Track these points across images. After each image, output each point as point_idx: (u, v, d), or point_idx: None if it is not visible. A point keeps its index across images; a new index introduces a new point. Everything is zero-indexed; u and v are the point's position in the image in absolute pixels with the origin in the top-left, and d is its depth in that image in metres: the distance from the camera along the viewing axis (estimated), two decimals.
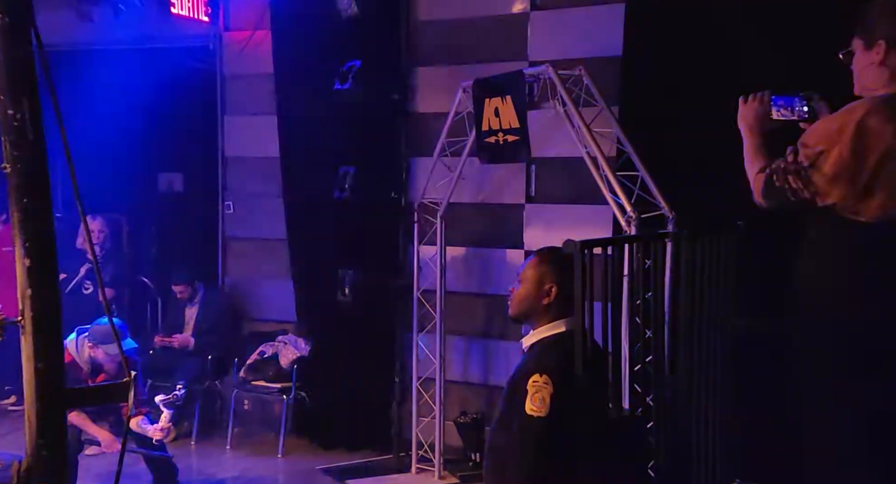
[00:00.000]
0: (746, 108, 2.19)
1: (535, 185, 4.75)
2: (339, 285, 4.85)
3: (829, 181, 1.89)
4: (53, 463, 1.65)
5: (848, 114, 1.91)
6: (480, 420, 4.73)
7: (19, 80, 1.64)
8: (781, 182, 1.98)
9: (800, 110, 2.15)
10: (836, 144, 1.88)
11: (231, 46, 5.68)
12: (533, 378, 1.93)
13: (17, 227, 1.65)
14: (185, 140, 6.66)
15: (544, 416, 1.90)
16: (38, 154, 1.67)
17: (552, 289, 2.05)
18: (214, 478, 4.63)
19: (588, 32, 4.47)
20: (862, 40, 1.99)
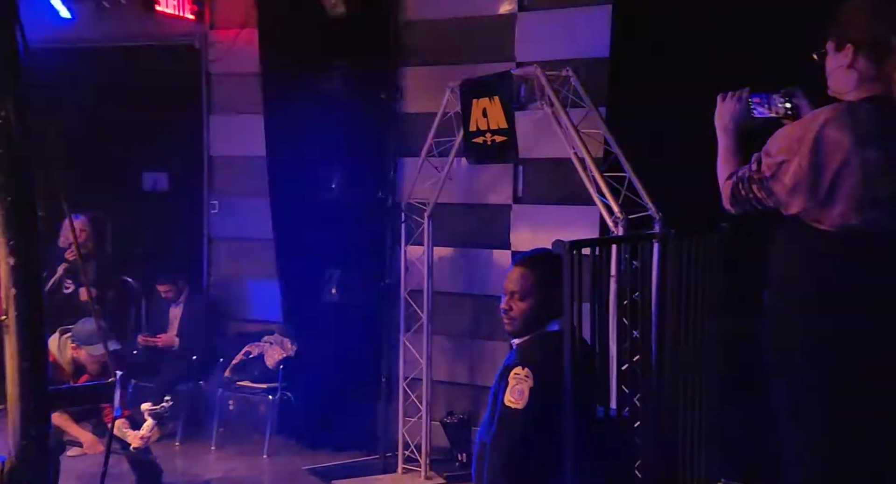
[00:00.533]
0: (724, 107, 2.17)
1: (523, 185, 4.77)
2: (325, 285, 4.84)
3: (790, 192, 1.89)
4: (37, 464, 1.64)
5: (809, 123, 1.90)
6: (467, 420, 4.73)
7: (3, 77, 1.62)
8: (746, 191, 1.98)
9: (781, 107, 2.11)
10: (796, 155, 1.87)
11: (217, 45, 5.65)
12: (515, 370, 1.94)
13: (1, 225, 1.63)
14: (170, 139, 6.61)
15: (521, 408, 1.90)
16: (23, 153, 1.65)
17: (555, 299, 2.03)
18: (199, 479, 4.60)
19: (575, 33, 4.49)
20: (833, 42, 1.99)
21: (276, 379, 5.08)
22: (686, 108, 3.83)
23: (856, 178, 1.83)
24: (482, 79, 3.81)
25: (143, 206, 6.91)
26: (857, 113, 1.88)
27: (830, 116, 1.88)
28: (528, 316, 2.09)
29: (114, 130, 6.09)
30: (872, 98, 1.91)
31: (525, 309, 2.09)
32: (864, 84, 1.92)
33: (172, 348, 5.40)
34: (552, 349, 2.02)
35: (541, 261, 2.17)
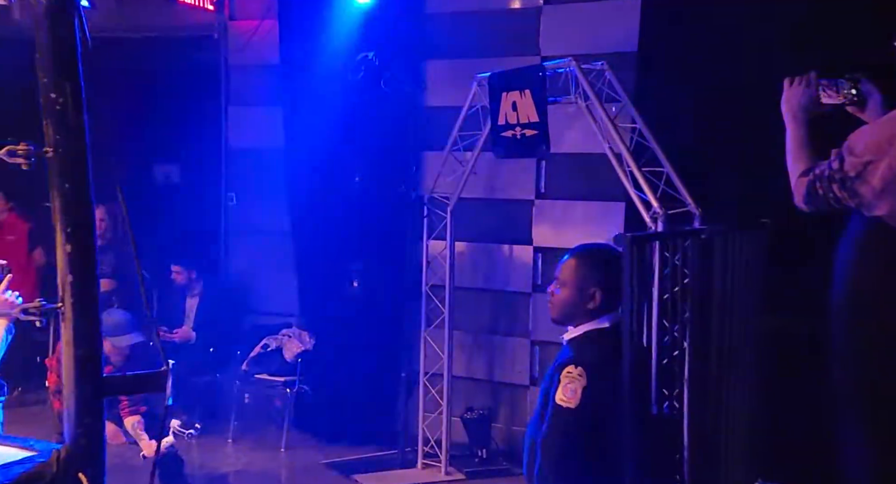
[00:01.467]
0: (791, 92, 2.05)
1: (545, 180, 4.74)
2: (345, 279, 4.81)
3: (877, 194, 1.83)
4: (92, 451, 1.62)
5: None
6: (487, 416, 4.72)
7: (62, 62, 1.60)
8: (825, 190, 1.90)
9: (848, 93, 2.03)
10: (885, 156, 1.80)
11: (236, 36, 5.62)
12: (567, 369, 1.91)
13: (58, 212, 1.61)
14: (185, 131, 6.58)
15: (573, 407, 1.88)
16: (79, 139, 1.63)
17: (596, 293, 2.02)
18: (218, 471, 4.58)
19: (601, 27, 4.45)
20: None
21: (293, 372, 5.06)
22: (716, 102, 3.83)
23: None
24: (513, 72, 3.78)
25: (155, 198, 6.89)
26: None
27: None
28: (565, 305, 2.08)
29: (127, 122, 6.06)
30: None
31: (563, 298, 2.07)
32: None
33: (189, 342, 5.37)
34: (605, 347, 1.99)
35: (590, 254, 2.14)
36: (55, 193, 1.61)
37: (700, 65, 3.89)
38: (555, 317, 2.10)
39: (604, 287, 2.01)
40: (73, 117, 1.61)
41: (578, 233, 4.54)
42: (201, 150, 6.31)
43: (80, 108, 1.63)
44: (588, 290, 2.03)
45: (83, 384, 1.62)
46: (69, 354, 1.63)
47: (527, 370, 4.83)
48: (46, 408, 4.97)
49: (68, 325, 1.62)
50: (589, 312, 2.04)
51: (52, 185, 1.60)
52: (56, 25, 1.59)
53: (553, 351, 4.69)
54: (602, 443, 1.95)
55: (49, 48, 1.58)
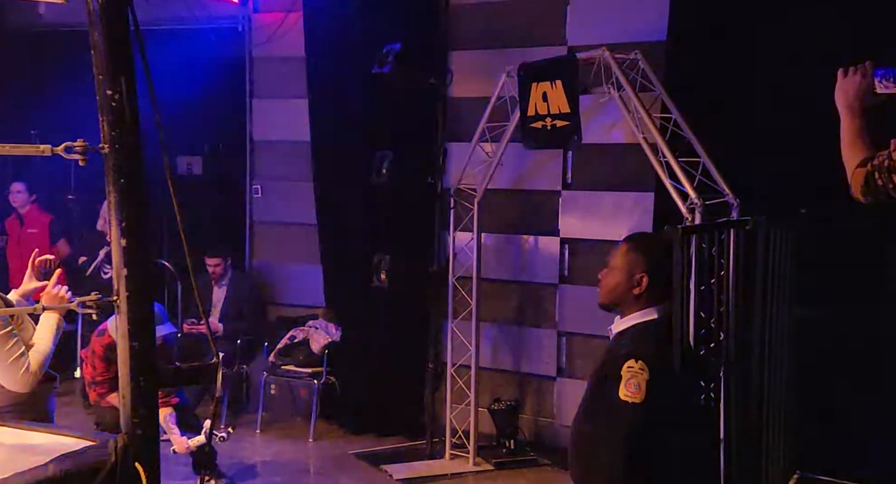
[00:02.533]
0: (847, 83, 1.98)
1: (572, 171, 4.73)
2: (373, 271, 4.83)
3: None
4: (148, 441, 1.65)
5: None
6: (515, 407, 4.72)
7: (117, 59, 1.61)
8: (885, 181, 1.85)
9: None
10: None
11: (260, 29, 5.63)
12: (628, 363, 1.90)
13: (113, 207, 1.63)
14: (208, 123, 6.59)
15: (640, 402, 1.87)
16: (134, 134, 1.65)
17: (643, 279, 2.01)
18: (249, 461, 4.63)
19: (628, 16, 4.42)
20: None
21: (320, 364, 5.10)
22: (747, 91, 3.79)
23: None
24: (543, 62, 3.77)
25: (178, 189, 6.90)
26: None
27: None
28: (612, 288, 2.07)
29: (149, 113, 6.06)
30: None
31: (611, 281, 2.07)
32: None
33: (217, 334, 5.41)
34: (658, 339, 1.99)
35: (641, 240, 2.14)
36: (110, 188, 1.62)
37: (730, 53, 3.85)
38: (602, 301, 2.10)
39: (651, 274, 2.01)
40: (128, 113, 1.63)
41: (605, 224, 4.54)
42: (225, 142, 6.34)
43: (135, 104, 1.65)
44: (636, 275, 2.03)
45: (138, 376, 1.64)
46: (124, 346, 1.65)
47: (554, 361, 4.83)
48: (75, 398, 5.04)
49: (123, 318, 1.64)
50: (635, 297, 2.04)
51: (108, 181, 1.62)
52: (111, 23, 1.60)
53: (581, 342, 4.73)
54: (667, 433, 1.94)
55: (104, 45, 1.59)
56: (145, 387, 1.66)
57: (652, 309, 2.02)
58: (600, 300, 2.10)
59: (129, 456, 1.62)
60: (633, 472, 1.89)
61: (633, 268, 2.05)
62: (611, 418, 1.93)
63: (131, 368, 1.65)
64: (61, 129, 1.59)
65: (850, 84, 1.97)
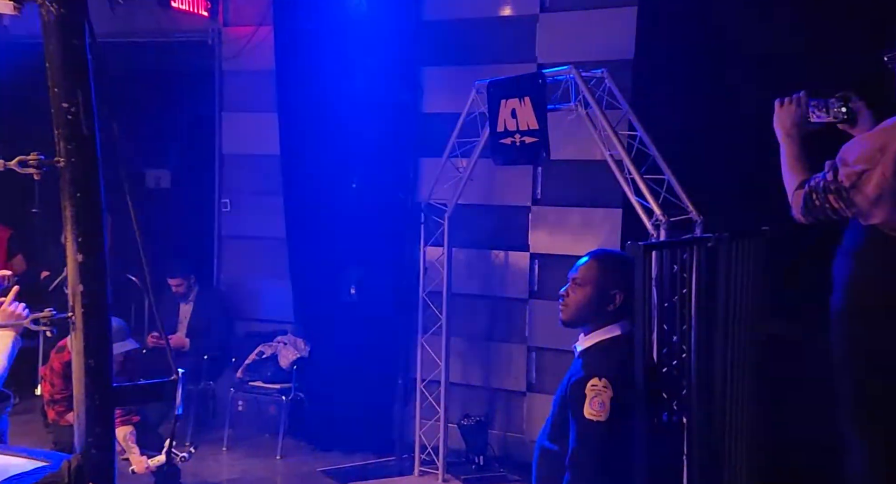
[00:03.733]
0: (783, 112, 2.13)
1: (542, 187, 4.76)
2: (342, 286, 4.80)
3: (872, 203, 1.85)
4: (103, 462, 1.61)
5: (890, 131, 1.85)
6: (484, 423, 4.71)
7: (73, 71, 1.59)
8: (821, 201, 1.93)
9: (837, 112, 2.09)
10: (878, 164, 1.83)
11: (231, 42, 5.61)
12: (592, 382, 1.90)
13: (69, 222, 1.60)
14: (177, 136, 6.54)
15: (604, 420, 1.87)
16: (91, 147, 1.62)
17: (617, 296, 2.02)
18: (214, 479, 4.56)
19: (596, 35, 4.48)
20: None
21: (289, 379, 5.04)
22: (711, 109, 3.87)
23: None
24: (512, 79, 3.80)
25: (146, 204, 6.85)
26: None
27: None
28: (581, 305, 2.06)
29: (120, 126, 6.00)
30: None
31: (580, 298, 2.06)
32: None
33: (183, 349, 5.34)
34: (621, 356, 1.99)
35: (611, 257, 2.14)
36: (66, 203, 1.59)
37: (695, 72, 3.93)
38: (567, 318, 2.08)
39: (625, 291, 2.02)
40: (85, 126, 1.60)
41: (574, 239, 4.57)
42: (194, 156, 6.29)
43: (92, 117, 1.62)
44: (610, 291, 2.03)
45: (93, 394, 1.60)
46: (79, 363, 1.61)
47: (524, 377, 4.83)
48: (36, 417, 4.92)
49: (79, 335, 1.61)
50: (606, 314, 2.04)
51: (64, 195, 1.59)
52: (67, 34, 1.58)
53: (551, 357, 4.74)
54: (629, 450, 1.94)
55: (60, 57, 1.57)
56: (101, 405, 1.62)
57: (615, 326, 2.03)
58: (567, 317, 2.09)
59: (83, 477, 1.58)
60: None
61: (606, 284, 2.05)
62: (576, 437, 1.92)
63: (86, 385, 1.61)
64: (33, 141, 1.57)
65: (786, 114, 2.07)
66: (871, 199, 1.85)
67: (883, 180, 1.84)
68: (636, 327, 1.95)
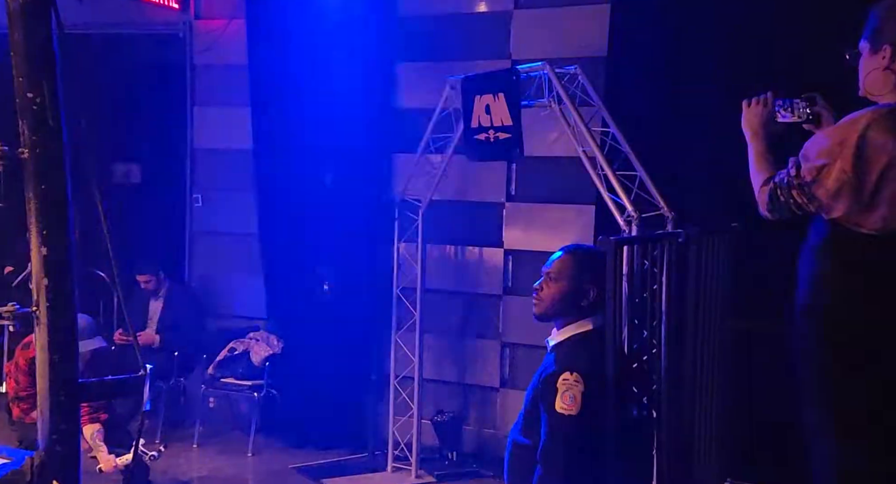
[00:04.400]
0: (750, 112, 2.16)
1: (516, 183, 4.77)
2: (315, 282, 4.77)
3: (833, 196, 1.88)
4: (67, 458, 1.59)
5: (849, 126, 1.89)
6: (457, 418, 4.72)
7: (39, 62, 1.56)
8: (785, 197, 1.96)
9: (804, 112, 2.13)
10: (837, 158, 1.86)
11: (202, 36, 5.54)
12: (563, 376, 1.91)
13: (33, 214, 1.57)
14: (147, 130, 6.44)
15: (576, 414, 1.88)
16: (57, 139, 1.59)
17: (591, 290, 2.03)
18: (185, 477, 4.50)
19: (571, 32, 4.50)
20: (868, 44, 1.96)
21: (261, 376, 5.00)
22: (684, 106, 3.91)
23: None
24: (486, 75, 3.80)
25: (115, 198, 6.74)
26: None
27: (872, 119, 1.86)
28: (555, 299, 2.07)
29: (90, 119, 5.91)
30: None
31: (555, 292, 2.07)
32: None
33: (152, 346, 5.27)
34: (593, 350, 2.00)
35: (585, 252, 2.16)
36: (30, 195, 1.57)
37: (668, 70, 3.96)
38: (541, 312, 2.09)
39: (597, 285, 2.03)
40: (51, 117, 1.58)
41: (548, 235, 4.59)
42: (165, 150, 6.20)
43: (58, 108, 1.60)
44: (584, 286, 2.05)
45: (58, 390, 1.58)
46: (43, 359, 1.59)
47: (497, 372, 4.85)
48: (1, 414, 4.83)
49: (43, 329, 1.58)
50: (579, 309, 2.06)
51: (28, 187, 1.56)
52: (32, 24, 1.55)
53: (524, 353, 4.75)
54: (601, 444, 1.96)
55: (25, 47, 1.54)
56: (66, 402, 1.60)
57: (587, 320, 2.04)
58: (541, 310, 2.10)
59: (46, 474, 1.56)
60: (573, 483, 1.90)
61: (580, 279, 2.06)
62: (547, 431, 1.93)
63: (51, 381, 1.59)
64: None
65: (753, 113, 2.11)
66: (832, 193, 1.89)
67: (842, 174, 1.87)
68: (607, 322, 1.96)
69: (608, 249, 1.95)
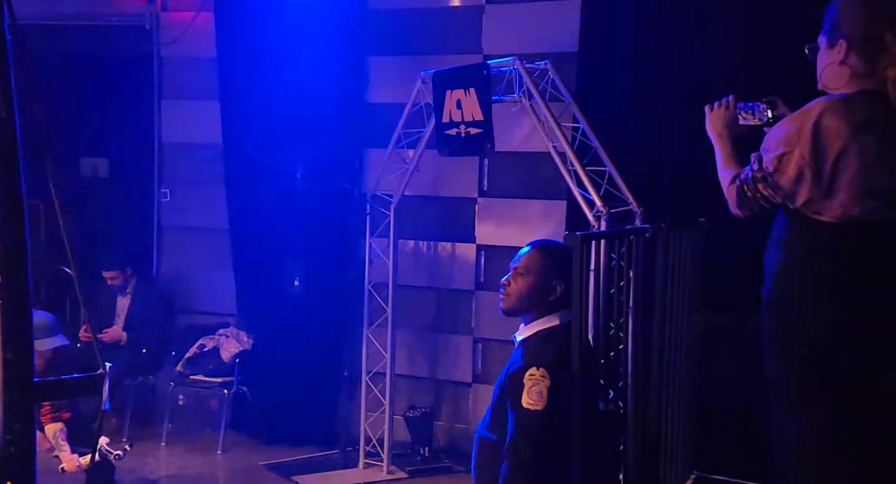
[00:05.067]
0: (714, 116, 2.20)
1: (488, 179, 4.77)
2: (286, 278, 4.73)
3: (794, 182, 1.91)
4: (22, 458, 1.54)
5: (804, 115, 1.92)
6: (430, 414, 4.71)
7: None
8: (752, 192, 1.99)
9: (765, 115, 2.18)
10: (796, 146, 1.90)
11: (169, 28, 5.45)
12: (530, 371, 1.91)
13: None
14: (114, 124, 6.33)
15: (542, 409, 1.88)
16: (9, 131, 1.54)
17: (558, 286, 2.03)
18: (152, 476, 4.44)
19: (542, 27, 4.50)
20: (826, 38, 2.00)
21: (231, 373, 4.95)
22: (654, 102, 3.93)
23: (855, 166, 1.87)
24: (457, 70, 3.78)
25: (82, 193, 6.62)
26: (851, 103, 1.91)
27: (826, 107, 1.90)
28: (522, 294, 2.08)
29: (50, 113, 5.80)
30: (865, 91, 1.93)
31: (522, 287, 2.08)
32: (856, 80, 1.94)
33: (120, 343, 5.18)
34: (559, 346, 2.01)
35: (554, 248, 2.16)
36: None
37: (638, 66, 3.98)
38: (508, 307, 2.10)
39: (565, 281, 2.03)
40: (2, 108, 1.53)
41: (520, 231, 4.58)
42: (132, 145, 6.10)
43: (10, 99, 1.55)
44: (551, 282, 2.05)
45: (12, 389, 1.54)
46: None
47: (470, 368, 4.85)
48: None
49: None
50: (547, 304, 2.06)
51: None
52: None
53: (496, 348, 4.75)
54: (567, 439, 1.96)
55: None
56: (21, 401, 1.55)
57: (554, 316, 2.04)
58: (508, 305, 2.11)
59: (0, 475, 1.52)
60: (538, 478, 1.90)
61: (548, 274, 2.07)
62: (517, 426, 1.93)
63: (5, 380, 1.54)
64: None
65: (717, 117, 2.14)
66: (793, 180, 1.92)
67: (801, 160, 1.90)
68: (574, 317, 1.96)
69: (574, 245, 1.95)
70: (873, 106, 1.91)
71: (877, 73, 1.92)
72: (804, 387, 1.99)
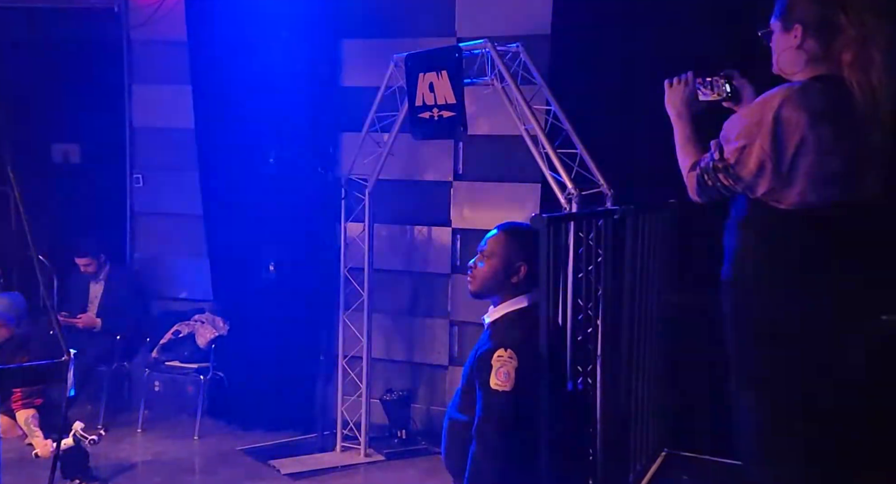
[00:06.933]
0: (673, 92, 2.20)
1: (462, 162, 4.77)
2: (261, 263, 4.70)
3: (755, 175, 1.93)
4: None
5: (763, 105, 1.93)
6: (406, 397, 4.74)
7: None
8: (713, 181, 2.00)
9: (723, 89, 2.17)
10: (756, 138, 1.91)
11: (138, 10, 5.36)
12: (498, 353, 1.93)
13: None
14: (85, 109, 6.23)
15: (509, 390, 1.90)
16: None
17: (521, 267, 2.05)
18: (128, 462, 4.42)
19: (515, 10, 4.49)
20: (780, 22, 2.00)
21: (207, 358, 4.94)
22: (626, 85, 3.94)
23: (812, 155, 1.89)
24: (429, 53, 3.76)
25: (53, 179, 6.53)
26: (809, 92, 1.92)
27: (785, 97, 1.91)
28: (487, 276, 2.10)
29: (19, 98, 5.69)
30: (821, 77, 1.95)
31: (487, 269, 2.10)
32: (812, 64, 1.96)
33: (94, 329, 5.14)
34: (527, 327, 2.02)
35: (517, 230, 2.18)
36: None
37: (610, 48, 3.98)
38: (475, 289, 2.12)
39: (529, 263, 2.05)
40: None
41: (495, 214, 4.58)
42: (103, 130, 6.01)
43: None
44: (515, 263, 2.07)
45: None
46: None
47: (446, 351, 4.87)
48: None
49: None
50: (512, 286, 2.08)
51: None
52: None
53: (472, 331, 4.78)
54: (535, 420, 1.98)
55: None
56: None
57: (523, 297, 2.06)
58: (475, 288, 2.13)
59: None
60: (507, 458, 1.92)
61: (511, 256, 2.08)
62: (482, 407, 1.95)
63: None
64: None
65: (676, 93, 2.14)
66: (755, 172, 1.93)
67: (762, 153, 1.91)
68: (541, 298, 1.98)
69: (540, 227, 1.96)
70: (829, 93, 1.92)
71: (832, 56, 1.94)
72: (759, 365, 2.02)
